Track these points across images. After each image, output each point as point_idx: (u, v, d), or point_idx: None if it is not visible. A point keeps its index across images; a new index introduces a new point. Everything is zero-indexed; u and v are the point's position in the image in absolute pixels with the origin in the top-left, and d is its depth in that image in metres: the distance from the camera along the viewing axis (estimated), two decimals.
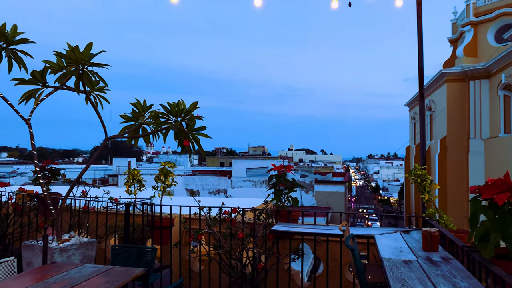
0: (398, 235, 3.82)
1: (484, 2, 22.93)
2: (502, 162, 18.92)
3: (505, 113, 19.98)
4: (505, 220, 2.40)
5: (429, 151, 25.87)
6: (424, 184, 4.21)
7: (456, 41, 26.73)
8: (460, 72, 22.14)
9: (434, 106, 25.83)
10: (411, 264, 2.78)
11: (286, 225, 4.64)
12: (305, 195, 31.08)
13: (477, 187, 2.60)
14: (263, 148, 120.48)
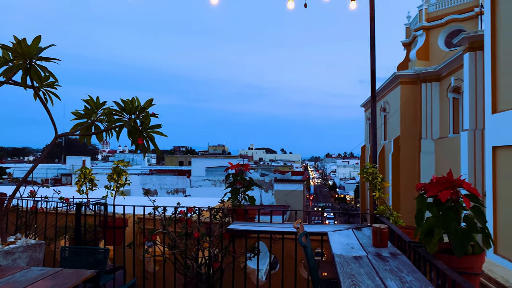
0: (350, 232, 3.92)
1: (435, 8, 24.00)
2: (451, 161, 19.90)
3: (454, 114, 21.02)
4: (448, 216, 2.51)
5: (383, 151, 26.78)
6: (375, 182, 4.34)
7: (410, 45, 27.81)
8: (413, 74, 23.06)
9: (389, 107, 26.74)
10: (361, 260, 2.86)
11: (242, 224, 4.64)
12: (264, 194, 31.30)
13: (423, 184, 2.71)
14: (223, 147, 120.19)
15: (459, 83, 19.66)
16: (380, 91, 28.31)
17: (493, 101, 13.05)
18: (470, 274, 2.54)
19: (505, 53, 12.50)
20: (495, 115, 12.88)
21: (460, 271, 2.52)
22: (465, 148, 17.53)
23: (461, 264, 2.51)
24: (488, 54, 13.28)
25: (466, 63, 17.34)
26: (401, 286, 2.27)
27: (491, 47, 13.12)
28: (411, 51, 25.35)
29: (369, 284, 2.32)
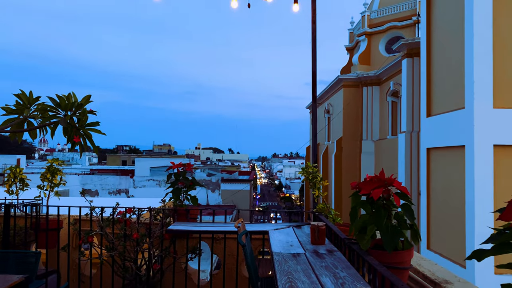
0: (291, 230, 3.98)
1: (377, 15, 25.08)
2: (389, 161, 20.90)
3: (393, 117, 22.09)
4: (380, 213, 2.62)
5: (327, 151, 27.58)
6: (315, 181, 4.45)
7: (353, 49, 28.85)
8: (355, 78, 23.96)
9: (332, 109, 27.58)
10: (299, 257, 2.91)
11: (183, 224, 4.57)
12: (211, 194, 31.11)
13: (357, 183, 2.81)
14: (169, 147, 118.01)
15: (397, 88, 20.68)
16: (324, 94, 29.13)
17: (428, 105, 13.86)
18: (400, 268, 2.66)
19: (439, 60, 13.30)
20: (430, 118, 13.68)
21: (391, 265, 2.63)
22: (402, 149, 18.48)
23: (392, 259, 2.63)
24: (424, 61, 14.08)
25: (404, 68, 18.28)
26: (334, 282, 2.34)
27: (426, 54, 13.91)
28: (354, 55, 26.32)
29: (304, 280, 2.36)
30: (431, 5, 13.83)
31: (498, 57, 10.65)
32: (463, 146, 11.29)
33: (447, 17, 12.73)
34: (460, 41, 11.44)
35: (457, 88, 11.64)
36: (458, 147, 11.68)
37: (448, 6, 12.68)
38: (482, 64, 10.67)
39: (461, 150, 11.47)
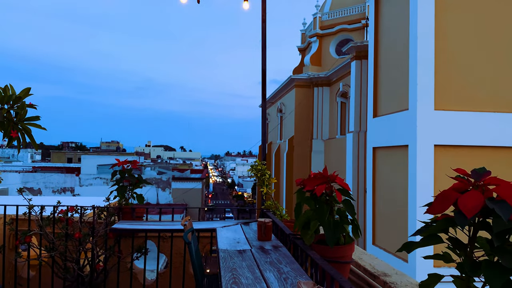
0: (239, 227, 3.99)
1: (328, 17, 25.70)
2: (338, 159, 21.52)
3: (342, 117, 22.75)
4: (323, 209, 2.69)
5: (279, 150, 27.93)
6: (263, 178, 4.49)
7: (305, 50, 29.39)
8: (307, 79, 24.42)
9: (284, 109, 27.96)
10: (245, 254, 2.92)
11: (129, 223, 4.45)
12: (161, 192, 30.54)
13: (301, 180, 2.86)
14: (117, 144, 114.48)
15: (346, 89, 21.32)
16: (277, 93, 29.49)
17: (374, 106, 14.40)
18: (341, 262, 2.74)
19: (385, 63, 13.85)
20: (376, 119, 14.22)
21: (333, 260, 2.71)
22: (350, 148, 19.09)
23: (334, 254, 2.70)
24: (371, 63, 14.61)
25: (353, 70, 18.87)
26: (278, 277, 2.37)
27: (374, 57, 14.45)
28: (306, 56, 26.82)
29: (248, 276, 2.37)
30: (378, 10, 14.37)
31: (439, 62, 11.26)
32: (407, 146, 11.84)
33: (393, 22, 13.28)
34: (405, 45, 11.98)
35: (402, 90, 12.18)
36: (402, 146, 12.24)
37: (394, 11, 13.23)
38: (424, 68, 11.23)
39: (404, 149, 12.02)
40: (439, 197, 1.40)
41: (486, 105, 11.30)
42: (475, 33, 11.34)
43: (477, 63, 11.35)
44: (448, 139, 11.33)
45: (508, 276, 1.22)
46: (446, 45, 11.32)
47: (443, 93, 11.31)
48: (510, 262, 1.21)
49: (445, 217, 1.40)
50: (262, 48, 5.25)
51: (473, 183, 1.38)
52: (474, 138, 11.26)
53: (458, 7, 11.39)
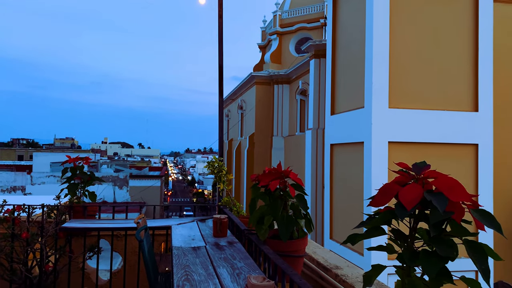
0: (194, 224, 3.96)
1: (288, 16, 25.94)
2: (297, 156, 21.82)
3: (301, 114, 23.07)
4: (276, 204, 2.71)
5: (240, 147, 27.95)
6: (220, 174, 4.48)
7: (265, 48, 29.53)
8: (267, 76, 24.56)
9: (245, 106, 27.99)
10: (199, 251, 2.90)
11: (80, 222, 4.30)
12: (118, 190, 29.73)
13: (256, 175, 2.88)
14: (72, 140, 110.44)
15: (306, 87, 21.63)
16: (238, 90, 29.47)
17: (332, 104, 14.71)
18: (295, 256, 2.78)
19: (342, 62, 14.17)
20: (333, 116, 14.53)
21: (287, 254, 2.74)
22: (309, 145, 19.40)
23: (288, 248, 2.73)
24: (329, 62, 14.90)
25: (311, 68, 19.17)
26: (231, 272, 2.37)
27: (331, 56, 14.74)
28: (266, 53, 26.97)
29: (201, 273, 2.36)
30: (336, 10, 14.66)
31: (393, 61, 11.66)
32: (362, 143, 12.18)
33: (350, 22, 13.60)
34: (361, 45, 12.30)
35: (358, 88, 12.50)
36: (358, 143, 12.57)
37: (351, 11, 13.55)
38: (379, 67, 11.59)
39: (360, 146, 12.36)
40: (381, 191, 1.45)
41: (436, 104, 11.83)
42: (425, 34, 11.83)
43: (427, 63, 11.84)
44: (401, 136, 11.76)
45: (443, 264, 1.29)
46: (400, 45, 11.74)
47: (396, 92, 11.72)
48: (445, 251, 1.27)
49: (388, 209, 1.46)
50: (218, 43, 5.23)
51: (414, 177, 1.44)
52: (425, 135, 11.76)
53: (411, 9, 11.83)
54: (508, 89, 13.83)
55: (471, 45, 11.96)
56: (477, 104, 11.90)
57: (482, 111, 11.89)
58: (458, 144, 11.90)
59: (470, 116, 11.86)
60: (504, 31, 13.80)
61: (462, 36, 11.95)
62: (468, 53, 11.97)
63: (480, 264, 1.25)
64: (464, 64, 11.96)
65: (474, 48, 11.95)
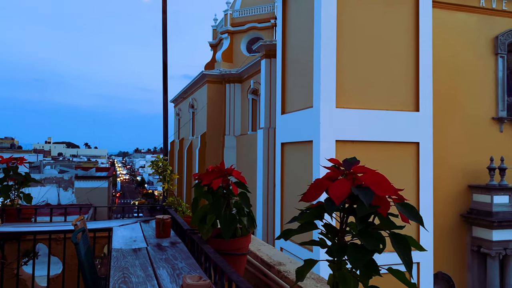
0: (137, 225, 3.85)
1: (239, 15, 25.96)
2: (249, 155, 21.90)
3: (253, 113, 23.17)
4: (219, 202, 2.69)
5: (191, 146, 27.64)
6: (165, 174, 4.38)
7: (216, 46, 29.37)
8: (218, 75, 24.44)
9: (196, 104, 27.71)
10: (140, 252, 2.82)
11: (14, 225, 4.05)
12: (63, 192, 28.43)
13: (198, 174, 2.84)
14: (12, 140, 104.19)
15: (257, 86, 21.76)
16: (189, 88, 29.10)
17: (283, 103, 14.89)
18: (238, 254, 2.77)
19: (292, 62, 14.38)
20: (284, 115, 14.72)
21: (230, 252, 2.73)
22: (261, 144, 19.53)
23: (230, 246, 2.72)
24: (279, 62, 15.07)
25: (263, 68, 19.30)
26: (171, 273, 2.32)
27: (281, 56, 14.92)
28: (218, 52, 26.83)
29: (140, 274, 2.29)
30: (286, 11, 14.86)
31: (340, 62, 11.99)
32: (311, 141, 12.43)
33: (299, 23, 13.83)
34: (310, 46, 12.55)
35: (307, 88, 12.75)
36: (307, 142, 12.82)
37: (300, 13, 13.78)
38: (327, 68, 11.87)
39: (309, 145, 12.61)
40: (312, 186, 1.47)
41: (381, 104, 12.31)
42: (371, 37, 12.27)
43: (372, 65, 12.30)
44: (347, 135, 12.13)
45: (369, 257, 1.33)
46: (346, 47, 12.10)
47: (343, 92, 12.07)
48: (371, 244, 1.31)
49: (319, 204, 1.48)
50: (162, 39, 5.12)
51: (343, 172, 1.47)
52: (370, 134, 12.20)
53: (357, 12, 12.23)
54: (446, 91, 14.67)
55: (412, 48, 12.56)
56: (418, 104, 12.51)
57: (422, 111, 12.52)
58: (401, 142, 12.46)
59: (411, 116, 12.45)
60: (443, 35, 14.62)
61: (404, 39, 12.52)
62: (410, 55, 12.56)
63: (403, 256, 1.30)
64: (406, 66, 12.54)
65: (415, 51, 12.56)
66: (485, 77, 15.42)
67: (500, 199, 14.16)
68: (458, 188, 14.99)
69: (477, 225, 14.50)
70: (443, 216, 14.48)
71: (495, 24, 15.47)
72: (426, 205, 12.42)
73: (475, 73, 15.28)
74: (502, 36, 15.39)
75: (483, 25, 15.38)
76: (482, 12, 15.37)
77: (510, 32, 15.49)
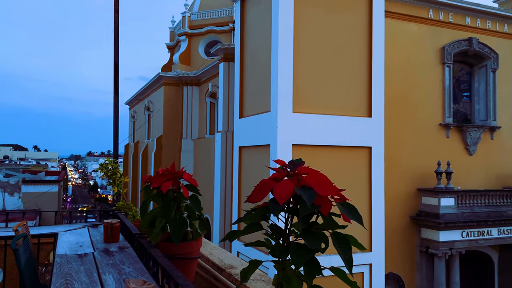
0: (85, 230, 3.71)
1: (197, 18, 25.78)
2: (207, 158, 21.72)
3: (211, 117, 23.04)
4: (169, 205, 2.64)
5: (147, 149, 27.06)
6: (114, 177, 4.25)
7: (174, 48, 29.00)
8: (176, 77, 24.12)
9: (152, 107, 27.18)
10: (86, 258, 2.71)
11: None
12: (9, 197, 26.93)
13: (148, 177, 2.77)
14: None
15: (215, 89, 21.66)
16: (145, 90, 28.52)
17: (241, 107, 14.92)
18: (189, 258, 2.73)
19: (250, 66, 14.45)
20: (242, 119, 14.75)
21: (180, 256, 2.68)
22: (218, 147, 19.43)
23: (181, 250, 2.67)
24: (237, 66, 15.09)
25: (221, 71, 19.25)
26: (117, 278, 2.25)
27: (240, 60, 14.95)
28: (175, 54, 26.49)
29: (84, 281, 2.20)
30: (244, 15, 14.93)
31: (297, 68, 12.20)
32: (268, 145, 12.53)
33: (258, 28, 13.94)
34: (267, 51, 12.67)
35: (265, 93, 12.85)
36: (264, 146, 12.91)
37: (258, 18, 13.90)
38: (284, 73, 12.04)
39: (266, 148, 12.71)
40: (258, 187, 1.47)
41: (336, 109, 12.63)
42: (327, 44, 12.58)
43: (328, 71, 12.60)
44: (304, 139, 12.33)
45: (311, 255, 1.35)
46: (303, 53, 12.33)
47: (300, 97, 12.28)
48: (313, 243, 1.34)
49: (265, 205, 1.49)
50: (114, 40, 4.98)
51: (288, 173, 1.49)
52: (326, 138, 12.48)
53: (314, 19, 12.50)
54: (398, 98, 15.27)
55: (366, 56, 13.00)
56: (370, 110, 12.94)
57: (375, 117, 12.96)
58: (354, 147, 12.83)
59: (365, 121, 12.86)
60: (395, 44, 15.22)
61: (358, 47, 12.93)
62: (364, 63, 12.99)
63: (344, 254, 1.33)
64: (360, 73, 12.95)
65: (368, 59, 13.00)
66: (434, 85, 16.21)
67: (446, 202, 14.90)
68: (408, 191, 15.62)
69: (426, 226, 15.16)
70: (394, 218, 15.02)
71: (443, 35, 16.32)
72: (377, 207, 12.84)
73: (425, 81, 16.02)
74: (449, 47, 16.25)
75: (432, 36, 16.17)
76: (431, 23, 16.16)
77: (456, 43, 16.39)
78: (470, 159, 16.64)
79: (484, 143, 16.84)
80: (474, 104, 17.56)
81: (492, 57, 16.90)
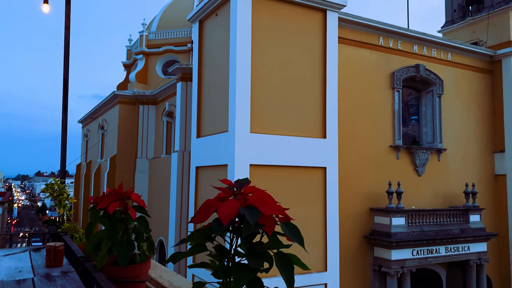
0: (26, 255, 3.50)
1: (155, 37, 25.65)
2: (163, 179, 21.29)
3: (167, 136, 22.72)
4: (116, 227, 2.55)
5: (100, 169, 26.18)
6: (61, 198, 4.07)
7: (130, 67, 28.58)
8: (132, 96, 23.72)
9: (106, 125, 26.47)
10: (24, 284, 2.56)
11: None
12: None
13: (94, 197, 2.68)
14: None
15: (172, 109, 21.46)
16: (99, 109, 27.79)
17: (198, 127, 14.84)
18: (136, 282, 2.64)
19: (208, 87, 14.47)
20: (199, 139, 14.65)
21: (127, 280, 2.58)
22: (175, 167, 19.13)
23: (128, 273, 2.58)
24: (195, 86, 15.07)
25: (178, 91, 19.15)
26: None
27: (197, 80, 14.95)
28: (131, 73, 26.10)
29: None
30: (202, 37, 15.03)
31: (254, 89, 12.37)
32: (226, 165, 12.50)
33: (216, 50, 14.05)
34: (226, 72, 12.78)
35: (223, 113, 12.89)
36: (222, 165, 12.86)
37: (216, 39, 14.03)
38: (242, 94, 12.16)
39: (224, 168, 12.66)
40: (202, 207, 1.46)
41: (292, 130, 12.86)
42: (283, 66, 12.88)
43: (284, 93, 12.87)
44: (261, 159, 12.42)
45: (253, 275, 1.34)
46: (261, 75, 12.54)
47: (257, 117, 12.42)
48: (255, 262, 1.33)
49: (209, 225, 1.47)
50: (64, 56, 4.85)
51: (234, 192, 1.49)
52: (282, 158, 12.63)
53: (272, 42, 12.79)
54: (351, 120, 15.78)
55: (320, 79, 13.42)
56: (325, 131, 13.29)
57: (329, 138, 13.31)
58: (310, 167, 13.07)
59: (319, 142, 13.17)
60: (348, 69, 15.82)
61: (313, 71, 13.34)
62: (318, 86, 13.39)
63: (286, 275, 1.34)
64: (315, 95, 13.32)
65: (323, 82, 13.42)
66: (384, 109, 16.92)
67: (397, 221, 15.38)
68: (361, 211, 16.01)
69: (378, 245, 15.54)
70: (348, 237, 15.30)
71: (392, 61, 17.16)
72: (332, 226, 13.05)
73: (376, 105, 16.69)
74: (398, 72, 17.10)
75: (383, 62, 16.97)
76: (381, 50, 16.98)
77: (405, 69, 17.28)
78: (419, 180, 17.36)
79: (432, 164, 17.67)
80: (422, 127, 18.45)
81: (437, 83, 17.94)
